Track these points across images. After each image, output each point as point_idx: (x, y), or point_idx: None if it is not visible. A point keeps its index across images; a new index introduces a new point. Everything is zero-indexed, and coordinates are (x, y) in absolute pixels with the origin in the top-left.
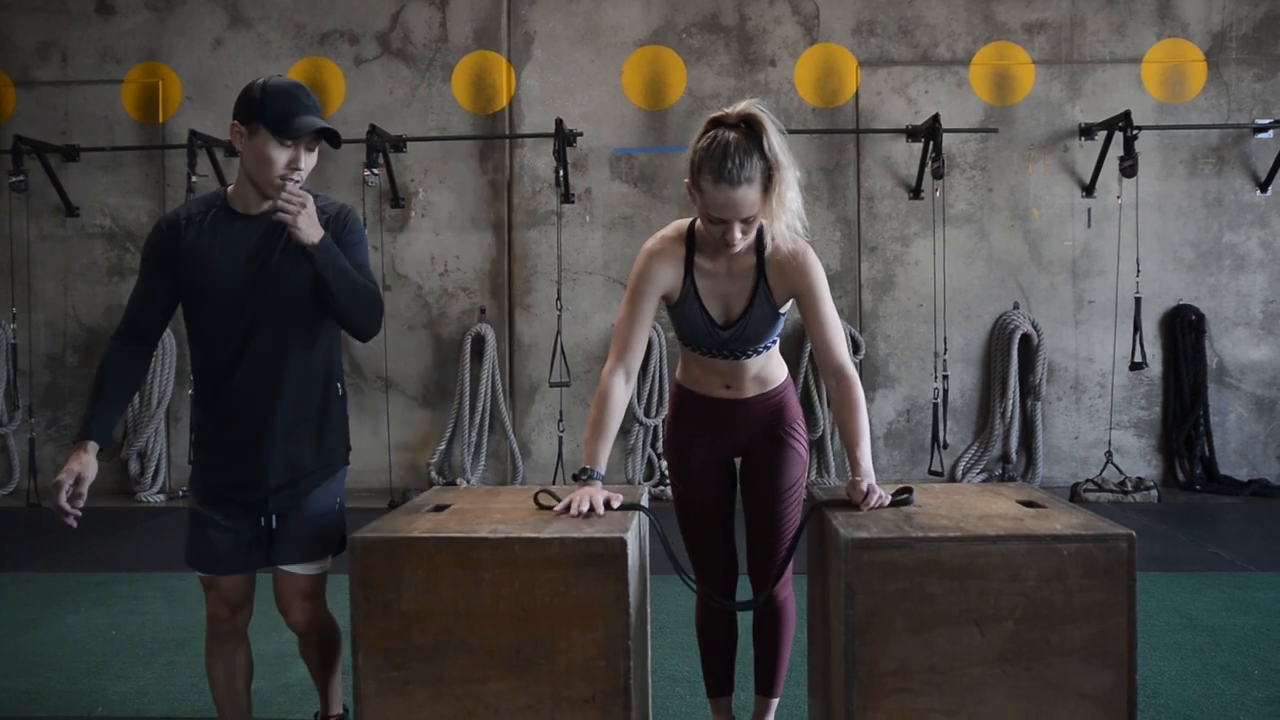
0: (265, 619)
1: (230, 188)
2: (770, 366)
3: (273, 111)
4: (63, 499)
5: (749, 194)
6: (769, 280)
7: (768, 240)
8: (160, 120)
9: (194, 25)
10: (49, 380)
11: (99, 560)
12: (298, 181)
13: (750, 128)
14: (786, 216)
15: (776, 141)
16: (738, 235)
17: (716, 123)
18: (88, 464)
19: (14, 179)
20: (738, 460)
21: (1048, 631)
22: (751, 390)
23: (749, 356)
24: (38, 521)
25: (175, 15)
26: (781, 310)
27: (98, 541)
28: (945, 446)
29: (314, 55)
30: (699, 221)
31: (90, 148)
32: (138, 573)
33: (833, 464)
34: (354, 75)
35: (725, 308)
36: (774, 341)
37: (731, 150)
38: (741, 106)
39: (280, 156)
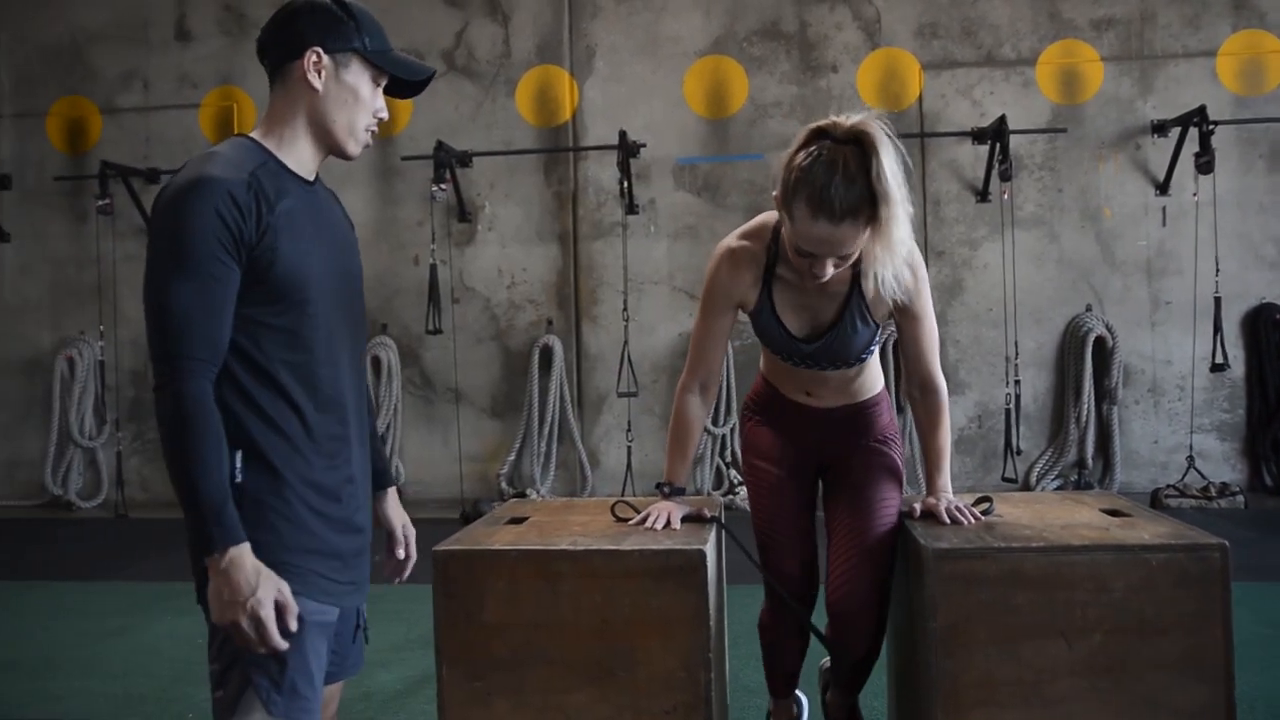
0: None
1: (257, 133)
2: (862, 380)
3: (373, 40)
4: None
5: (850, 231)
6: (865, 295)
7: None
8: None
9: None
10: (134, 395)
11: (184, 570)
12: (376, 132)
13: (861, 147)
14: (893, 262)
15: (889, 168)
16: (829, 271)
17: (821, 134)
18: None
19: (100, 202)
20: (821, 482)
21: (1138, 644)
22: (836, 401)
23: (836, 369)
24: (126, 531)
25: (248, 39)
26: (879, 324)
27: (183, 551)
28: (1019, 453)
29: None
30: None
31: (170, 170)
32: None
33: (920, 479)
34: (420, 93)
35: (809, 321)
36: (869, 355)
37: (836, 177)
38: (856, 120)
39: (372, 100)
